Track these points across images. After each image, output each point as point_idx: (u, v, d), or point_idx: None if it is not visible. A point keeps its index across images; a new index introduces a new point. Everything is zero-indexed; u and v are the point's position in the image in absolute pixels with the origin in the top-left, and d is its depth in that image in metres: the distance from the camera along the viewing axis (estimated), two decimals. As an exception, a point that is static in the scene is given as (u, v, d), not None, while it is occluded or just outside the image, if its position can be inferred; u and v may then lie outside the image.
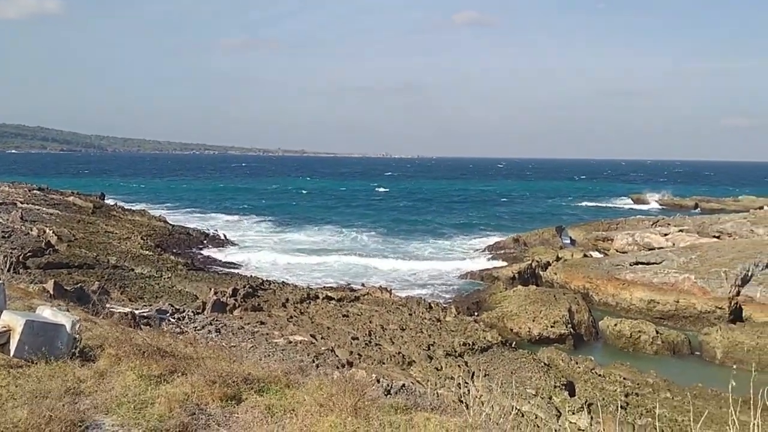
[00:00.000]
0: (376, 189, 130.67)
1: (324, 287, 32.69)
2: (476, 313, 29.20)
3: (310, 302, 26.86)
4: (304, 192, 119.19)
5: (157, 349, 7.94)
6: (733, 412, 4.62)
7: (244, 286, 27.82)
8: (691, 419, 13.85)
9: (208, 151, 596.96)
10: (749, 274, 31.19)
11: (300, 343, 19.98)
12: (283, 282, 32.48)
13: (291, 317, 23.95)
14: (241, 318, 22.93)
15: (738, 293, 30.25)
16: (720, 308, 29.81)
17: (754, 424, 4.13)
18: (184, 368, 7.26)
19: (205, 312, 23.40)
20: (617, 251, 43.73)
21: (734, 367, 22.28)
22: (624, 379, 20.24)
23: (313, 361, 17.17)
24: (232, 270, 38.50)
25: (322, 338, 21.22)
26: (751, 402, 4.92)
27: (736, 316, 29.61)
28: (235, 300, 25.44)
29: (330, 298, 27.77)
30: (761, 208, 70.31)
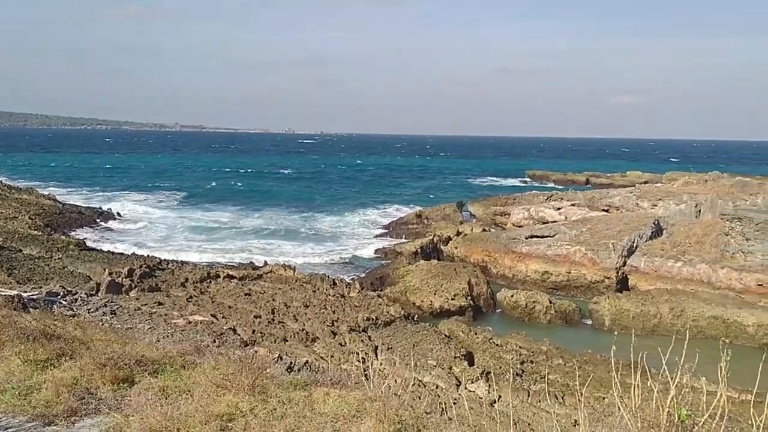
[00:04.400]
0: (279, 167, 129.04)
1: (225, 266, 32.09)
2: (380, 289, 29.55)
3: (210, 281, 26.37)
4: (203, 170, 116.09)
5: (44, 332, 7.57)
6: (616, 376, 4.89)
7: (141, 266, 26.94)
8: (577, 383, 14.61)
9: (101, 126, 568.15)
10: (634, 245, 33.08)
11: (200, 323, 19.62)
12: (182, 261, 31.71)
13: (191, 297, 23.45)
14: (137, 299, 22.25)
15: (624, 263, 32.05)
16: (608, 278, 31.50)
17: (634, 385, 4.42)
18: (72, 351, 6.97)
19: (100, 293, 22.59)
20: (514, 225, 45.22)
21: (616, 333, 23.67)
22: (520, 347, 21.10)
23: (214, 341, 16.89)
24: (128, 250, 37.14)
25: (223, 317, 20.92)
26: (631, 365, 5.22)
27: (622, 285, 31.42)
28: (131, 280, 24.64)
29: (231, 277, 27.33)
30: (646, 182, 74.58)
